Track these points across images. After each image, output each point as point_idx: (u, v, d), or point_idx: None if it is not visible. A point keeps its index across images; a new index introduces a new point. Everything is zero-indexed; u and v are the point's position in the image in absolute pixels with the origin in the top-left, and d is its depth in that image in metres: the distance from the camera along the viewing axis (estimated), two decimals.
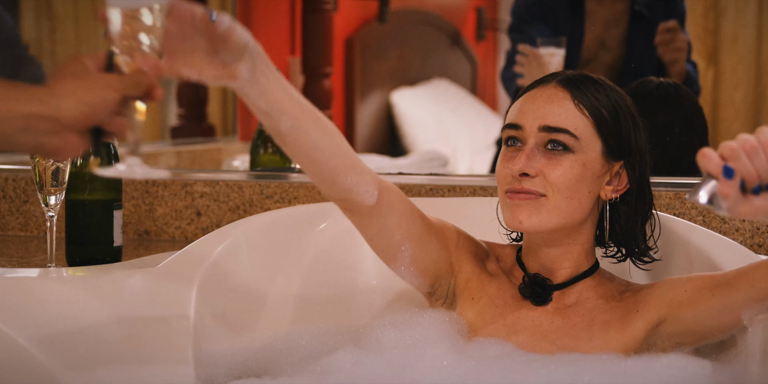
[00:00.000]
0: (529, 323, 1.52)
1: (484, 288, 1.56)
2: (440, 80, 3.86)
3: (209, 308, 1.61)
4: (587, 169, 1.47)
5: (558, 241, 1.51)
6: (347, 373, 1.45)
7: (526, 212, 1.46)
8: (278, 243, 1.74)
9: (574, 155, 1.46)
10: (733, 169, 1.16)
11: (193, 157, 3.16)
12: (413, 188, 2.06)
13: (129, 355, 1.51)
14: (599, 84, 1.50)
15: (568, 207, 1.47)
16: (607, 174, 1.50)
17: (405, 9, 3.79)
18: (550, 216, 1.46)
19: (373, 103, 3.59)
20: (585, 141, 1.47)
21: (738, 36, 3.07)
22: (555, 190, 1.45)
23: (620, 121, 1.49)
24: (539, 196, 1.46)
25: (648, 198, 1.53)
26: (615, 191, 1.50)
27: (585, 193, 1.48)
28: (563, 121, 1.46)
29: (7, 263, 1.91)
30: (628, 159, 1.49)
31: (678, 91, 2.27)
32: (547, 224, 1.46)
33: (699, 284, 1.45)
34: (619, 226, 1.52)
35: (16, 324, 1.50)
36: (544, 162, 1.46)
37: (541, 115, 1.47)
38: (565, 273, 1.53)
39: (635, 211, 1.51)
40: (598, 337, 1.49)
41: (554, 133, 1.46)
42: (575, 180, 1.46)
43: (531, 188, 1.45)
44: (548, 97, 1.48)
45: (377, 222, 1.51)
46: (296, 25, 3.22)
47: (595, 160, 1.48)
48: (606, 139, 1.48)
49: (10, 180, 2.29)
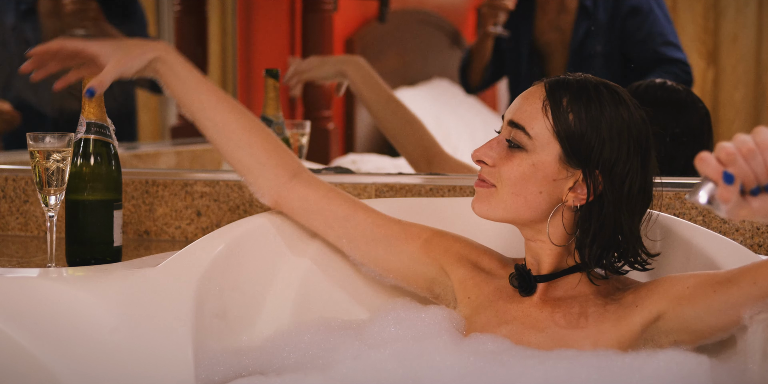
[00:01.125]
0: (519, 314, 1.55)
1: (480, 287, 1.61)
2: (440, 80, 3.85)
3: (209, 308, 1.61)
4: (537, 170, 1.49)
5: (529, 236, 1.55)
6: (349, 367, 1.46)
7: (479, 200, 1.54)
8: (278, 242, 1.74)
9: (526, 154, 1.50)
10: (733, 176, 1.16)
11: (193, 157, 3.16)
12: (413, 188, 2.06)
13: (129, 355, 1.51)
14: (587, 92, 1.48)
15: (514, 203, 1.51)
16: (569, 179, 1.49)
17: (405, 9, 3.78)
18: (497, 207, 1.52)
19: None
20: (539, 142, 1.49)
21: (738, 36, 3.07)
22: (503, 183, 1.51)
23: (588, 133, 1.47)
24: (491, 186, 1.52)
25: (605, 214, 1.48)
26: (577, 199, 1.50)
27: (534, 192, 1.50)
28: (523, 119, 1.50)
29: (7, 263, 1.91)
30: (587, 170, 1.48)
31: (679, 94, 2.25)
32: (494, 214, 1.53)
33: (700, 281, 1.46)
34: (581, 233, 1.51)
35: (16, 324, 1.50)
36: (502, 155, 1.51)
37: (513, 109, 1.53)
38: (547, 266, 1.55)
39: (590, 223, 1.50)
40: (590, 328, 1.49)
41: (515, 128, 1.51)
42: (522, 178, 1.50)
43: (486, 177, 1.52)
44: (527, 94, 1.53)
45: (306, 222, 1.74)
46: (296, 25, 3.22)
47: (549, 162, 1.49)
48: (564, 144, 1.48)
49: (10, 180, 2.29)
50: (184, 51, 3.21)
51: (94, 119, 1.78)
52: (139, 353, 1.51)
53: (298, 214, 1.73)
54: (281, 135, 2.34)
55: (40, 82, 1.75)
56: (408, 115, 2.56)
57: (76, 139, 1.79)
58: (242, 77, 3.19)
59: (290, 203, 1.72)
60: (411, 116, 2.56)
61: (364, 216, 1.70)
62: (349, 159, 3.04)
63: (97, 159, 1.80)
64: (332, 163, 3.02)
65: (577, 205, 1.50)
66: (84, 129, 1.78)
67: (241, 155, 1.72)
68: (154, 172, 2.35)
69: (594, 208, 1.49)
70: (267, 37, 3.26)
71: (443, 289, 1.65)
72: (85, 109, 1.78)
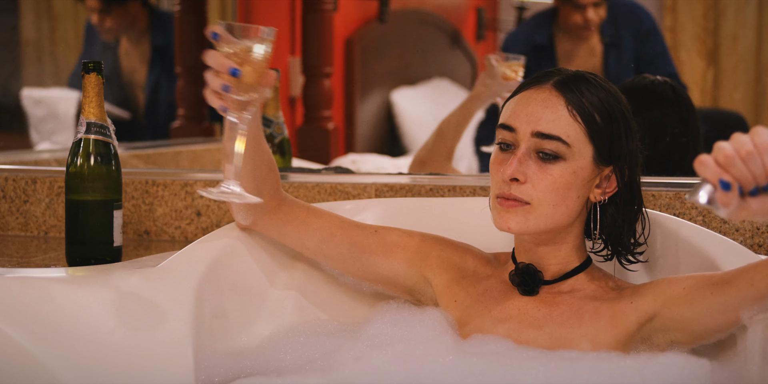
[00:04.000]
0: (515, 311, 1.54)
1: (466, 290, 1.59)
2: (440, 80, 3.86)
3: (209, 308, 1.61)
4: (577, 176, 1.48)
5: (547, 240, 1.53)
6: (351, 368, 1.45)
7: (514, 218, 1.48)
8: (277, 242, 1.74)
9: (566, 163, 1.47)
10: (729, 183, 1.16)
11: (193, 157, 3.16)
12: (413, 188, 2.06)
13: (129, 355, 1.51)
14: (593, 85, 1.50)
15: (556, 213, 1.48)
16: (597, 177, 1.51)
17: (405, 9, 3.79)
18: (538, 221, 1.48)
19: (373, 102, 3.60)
20: (577, 148, 1.48)
21: (738, 36, 3.07)
22: (542, 198, 1.47)
23: (612, 126, 1.49)
24: (525, 204, 1.48)
25: (637, 199, 1.54)
26: (604, 194, 1.51)
27: (573, 198, 1.49)
28: (556, 128, 1.47)
29: (7, 263, 1.91)
30: (618, 163, 1.50)
31: (674, 89, 2.26)
32: (534, 228, 1.49)
33: (697, 282, 1.46)
34: (605, 226, 1.53)
35: (16, 324, 1.50)
36: (535, 169, 1.47)
37: (535, 120, 1.48)
38: (553, 269, 1.54)
39: (622, 212, 1.52)
40: (587, 326, 1.49)
41: (546, 139, 1.47)
42: (565, 188, 1.48)
43: (518, 195, 1.47)
44: (542, 101, 1.49)
45: (281, 240, 1.70)
46: (296, 25, 3.22)
47: (586, 166, 1.49)
48: (597, 144, 1.48)
49: (10, 180, 2.29)
50: (184, 51, 3.22)
51: (94, 119, 1.78)
52: (138, 353, 1.51)
53: (273, 235, 1.69)
54: (281, 135, 2.34)
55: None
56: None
57: (76, 139, 1.79)
58: None
59: (266, 230, 1.68)
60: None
61: (340, 237, 1.65)
62: (349, 159, 3.04)
63: (97, 159, 1.80)
64: (332, 163, 3.03)
65: (604, 200, 1.51)
66: (84, 129, 1.78)
67: (245, 182, 1.58)
68: (154, 172, 2.35)
69: (626, 196, 1.52)
70: None
71: (423, 295, 1.65)
72: (85, 109, 1.78)
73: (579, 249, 1.55)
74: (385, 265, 1.64)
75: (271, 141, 2.33)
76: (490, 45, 3.93)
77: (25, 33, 3.34)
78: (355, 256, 1.65)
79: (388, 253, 1.64)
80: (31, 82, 3.41)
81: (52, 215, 2.25)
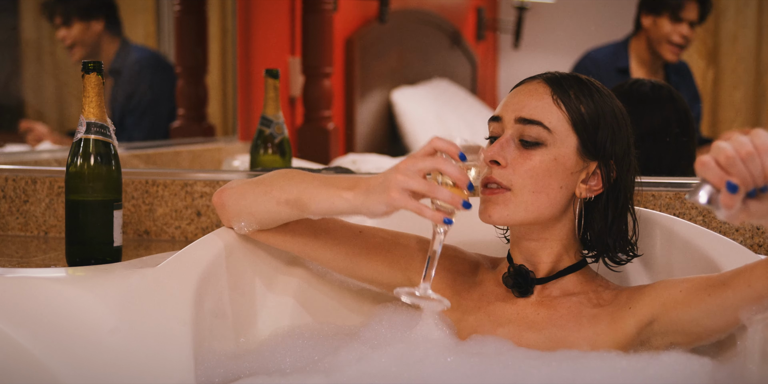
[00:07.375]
0: (514, 316, 1.54)
1: (460, 294, 1.59)
2: (440, 80, 3.86)
3: (209, 308, 1.61)
4: (559, 164, 1.48)
5: (535, 235, 1.53)
6: (354, 369, 1.45)
7: (494, 208, 1.48)
8: None
9: (546, 149, 1.48)
10: (737, 186, 1.15)
11: (193, 157, 3.16)
12: None
13: (129, 355, 1.51)
14: (586, 85, 1.51)
15: (536, 201, 1.48)
16: (582, 172, 1.51)
17: (405, 9, 3.79)
18: (518, 209, 1.48)
19: (374, 102, 3.60)
20: (559, 135, 1.48)
21: (738, 36, 3.07)
22: (521, 183, 1.47)
23: (599, 119, 1.49)
24: (505, 190, 1.48)
25: (621, 202, 1.52)
26: (590, 191, 1.51)
27: (555, 187, 1.49)
28: (538, 114, 1.49)
29: (7, 263, 1.91)
30: (603, 160, 1.50)
31: (671, 93, 2.27)
32: (514, 218, 1.48)
33: (695, 284, 1.45)
34: (589, 224, 1.53)
35: (16, 324, 1.50)
36: (515, 154, 1.48)
37: (519, 107, 1.50)
38: (545, 267, 1.54)
39: (604, 214, 1.52)
40: (586, 329, 1.49)
41: (528, 125, 1.48)
42: (544, 174, 1.48)
43: (498, 179, 1.48)
44: (529, 91, 1.51)
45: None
46: (296, 25, 3.22)
47: (568, 155, 1.49)
48: (581, 135, 1.49)
49: (10, 180, 2.29)
50: (184, 51, 3.22)
51: (94, 119, 1.78)
52: (138, 353, 1.51)
53: (260, 237, 1.66)
54: (281, 135, 2.34)
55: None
56: None
57: (76, 139, 1.79)
58: (242, 77, 3.19)
59: (252, 234, 1.65)
60: None
61: (324, 239, 1.64)
62: (349, 159, 3.04)
63: (97, 159, 1.80)
64: (332, 163, 3.03)
65: (590, 197, 1.51)
66: (84, 129, 1.78)
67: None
68: (154, 172, 2.35)
69: (610, 196, 1.51)
70: (267, 37, 3.26)
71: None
72: (85, 109, 1.78)
73: (571, 248, 1.55)
74: (367, 267, 1.64)
75: (271, 141, 2.33)
76: (490, 45, 3.93)
77: (25, 33, 3.34)
78: (339, 258, 1.64)
79: (371, 255, 1.64)
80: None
81: (52, 215, 2.25)
